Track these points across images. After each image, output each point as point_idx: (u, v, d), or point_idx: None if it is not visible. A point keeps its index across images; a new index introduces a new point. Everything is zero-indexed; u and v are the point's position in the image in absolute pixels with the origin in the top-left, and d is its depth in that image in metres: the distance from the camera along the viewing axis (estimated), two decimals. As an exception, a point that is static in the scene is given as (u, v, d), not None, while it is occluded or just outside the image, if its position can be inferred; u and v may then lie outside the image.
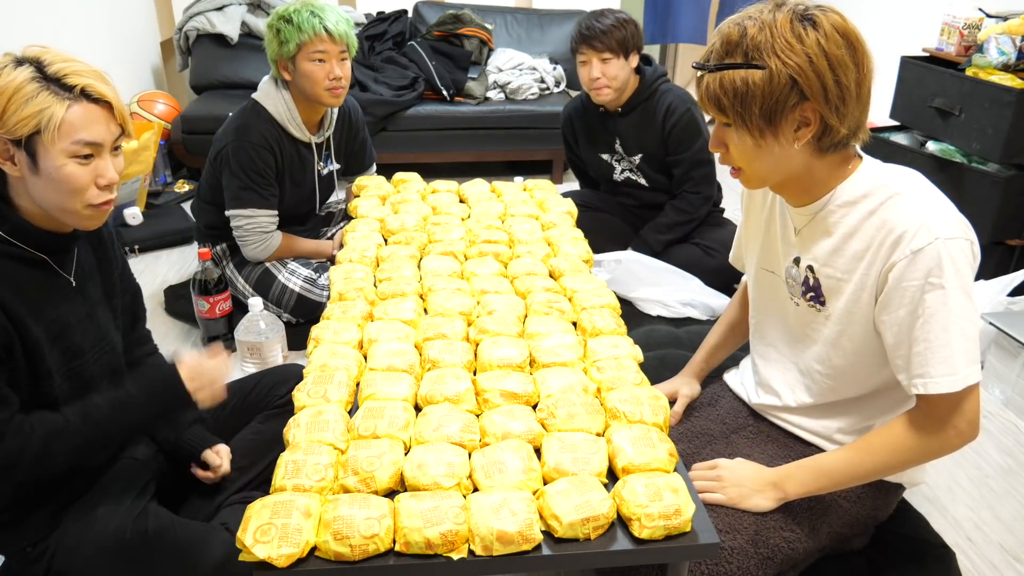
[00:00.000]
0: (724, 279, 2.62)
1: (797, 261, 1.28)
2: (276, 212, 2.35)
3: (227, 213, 2.31)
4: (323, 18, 2.16)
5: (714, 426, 1.49)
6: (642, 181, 2.69)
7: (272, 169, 2.30)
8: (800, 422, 1.39)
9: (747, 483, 1.27)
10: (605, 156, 2.70)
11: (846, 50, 1.07)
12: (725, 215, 2.80)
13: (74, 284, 1.28)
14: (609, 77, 2.41)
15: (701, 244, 2.64)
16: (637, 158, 2.64)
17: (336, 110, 2.44)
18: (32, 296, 1.19)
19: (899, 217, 1.11)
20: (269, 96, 2.29)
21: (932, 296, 1.08)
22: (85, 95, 1.13)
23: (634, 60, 2.45)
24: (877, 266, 1.14)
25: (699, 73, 1.13)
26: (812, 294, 1.27)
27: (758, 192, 1.38)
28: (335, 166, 2.52)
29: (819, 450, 1.35)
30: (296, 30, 2.16)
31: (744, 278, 1.51)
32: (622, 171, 2.71)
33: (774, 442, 1.40)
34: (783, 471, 1.27)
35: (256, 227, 2.32)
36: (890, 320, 1.14)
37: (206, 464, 1.46)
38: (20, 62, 1.11)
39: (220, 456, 1.47)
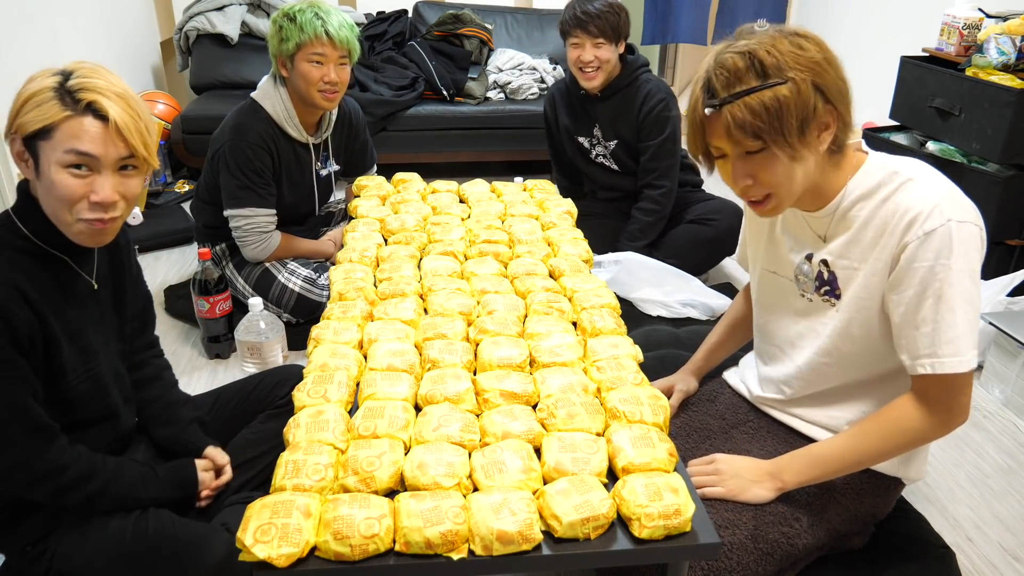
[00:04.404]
0: (727, 244, 2.69)
1: (810, 258, 1.29)
2: (274, 212, 2.34)
3: (225, 213, 2.31)
4: (326, 21, 2.16)
5: (713, 422, 1.49)
6: (613, 166, 2.75)
7: (269, 168, 2.29)
8: (803, 413, 1.39)
9: (745, 475, 1.28)
10: (581, 139, 2.77)
11: (833, 56, 1.13)
12: (707, 192, 2.88)
13: (96, 287, 1.30)
14: (602, 60, 2.47)
15: (697, 220, 2.71)
16: (612, 144, 2.70)
17: (335, 112, 2.44)
18: (53, 293, 1.21)
19: (912, 200, 1.13)
20: (267, 95, 2.29)
21: (941, 277, 1.10)
22: (91, 109, 1.14)
23: (622, 46, 2.52)
24: (890, 248, 1.16)
25: (709, 111, 1.11)
26: (827, 288, 1.27)
27: None
28: (334, 167, 2.52)
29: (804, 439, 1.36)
30: (298, 30, 2.16)
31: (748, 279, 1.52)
32: (596, 155, 2.77)
33: (774, 436, 1.41)
34: (780, 461, 1.28)
35: (254, 227, 2.31)
36: (898, 299, 1.15)
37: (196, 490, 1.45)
38: (60, 73, 1.16)
39: (220, 459, 1.47)
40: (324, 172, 2.49)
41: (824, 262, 1.26)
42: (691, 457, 1.39)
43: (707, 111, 1.11)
